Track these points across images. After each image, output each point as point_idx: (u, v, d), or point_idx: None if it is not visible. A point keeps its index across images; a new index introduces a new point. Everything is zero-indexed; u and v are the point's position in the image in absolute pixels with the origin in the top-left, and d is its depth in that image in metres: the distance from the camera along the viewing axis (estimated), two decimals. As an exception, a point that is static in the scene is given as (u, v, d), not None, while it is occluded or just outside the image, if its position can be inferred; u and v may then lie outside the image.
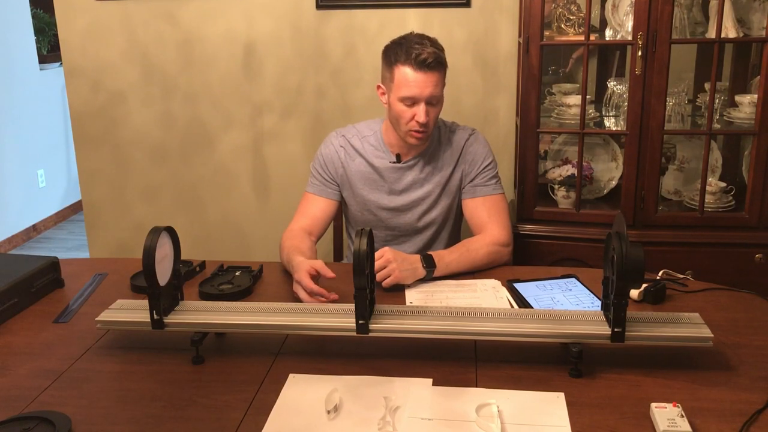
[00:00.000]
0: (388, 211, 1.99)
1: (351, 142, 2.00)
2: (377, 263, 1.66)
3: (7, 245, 4.62)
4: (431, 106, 1.83)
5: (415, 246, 2.02)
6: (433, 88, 1.80)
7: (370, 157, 1.98)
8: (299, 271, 1.63)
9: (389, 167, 1.97)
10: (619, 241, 1.26)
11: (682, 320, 1.36)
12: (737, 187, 2.34)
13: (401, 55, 1.80)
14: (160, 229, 1.39)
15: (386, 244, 2.01)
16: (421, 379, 1.31)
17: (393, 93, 1.84)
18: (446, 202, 2.00)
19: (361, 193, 1.99)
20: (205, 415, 1.23)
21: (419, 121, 1.81)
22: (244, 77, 2.72)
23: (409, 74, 1.79)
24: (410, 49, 1.79)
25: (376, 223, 2.01)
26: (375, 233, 1.98)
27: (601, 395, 1.25)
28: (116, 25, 2.71)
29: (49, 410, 1.22)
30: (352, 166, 1.99)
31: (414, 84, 1.79)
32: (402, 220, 2.00)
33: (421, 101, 1.81)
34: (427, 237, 2.02)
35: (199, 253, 2.12)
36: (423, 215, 2.00)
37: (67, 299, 1.71)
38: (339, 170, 2.00)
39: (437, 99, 1.83)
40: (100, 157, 2.86)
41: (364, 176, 1.98)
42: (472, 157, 1.97)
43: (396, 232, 2.02)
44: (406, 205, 1.98)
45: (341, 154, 1.99)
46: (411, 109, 1.82)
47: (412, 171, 1.97)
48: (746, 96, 2.29)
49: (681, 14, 2.24)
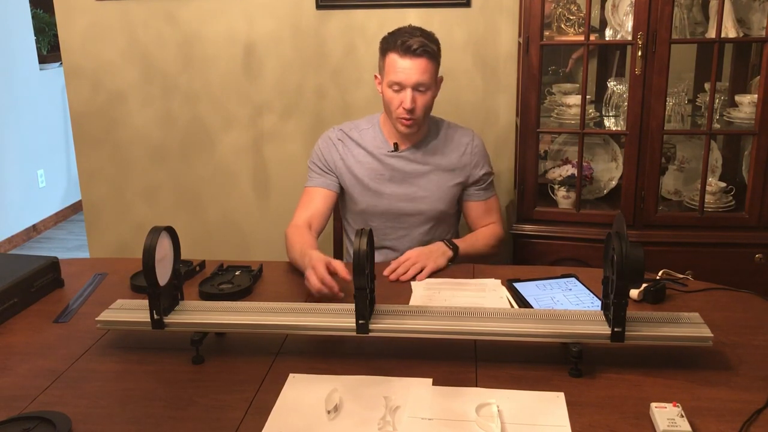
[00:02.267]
0: (389, 200, 2.03)
1: (349, 134, 2.07)
2: (406, 264, 1.81)
3: (7, 245, 4.63)
4: (419, 93, 1.89)
5: (414, 241, 2.04)
6: (419, 75, 1.87)
7: (369, 146, 2.04)
8: (317, 261, 1.64)
9: (388, 156, 2.03)
10: (619, 241, 1.26)
11: (681, 320, 1.36)
12: (737, 187, 2.34)
13: (391, 43, 1.91)
14: (160, 229, 1.39)
15: (386, 237, 2.07)
16: (421, 378, 1.31)
17: (384, 80, 1.94)
18: (447, 196, 2.05)
19: (364, 181, 2.03)
20: (205, 415, 1.23)
21: (405, 107, 1.89)
22: (244, 77, 2.72)
23: (396, 60, 1.88)
24: (399, 37, 1.89)
25: (377, 214, 2.04)
26: (375, 224, 2.04)
27: (601, 395, 1.25)
28: (116, 25, 2.71)
29: (49, 410, 1.22)
30: (352, 156, 2.04)
31: (400, 69, 1.88)
32: (403, 210, 2.04)
33: (407, 87, 1.88)
34: (427, 229, 2.06)
35: (199, 253, 2.12)
36: (424, 206, 2.03)
37: (67, 299, 1.71)
38: (338, 162, 2.05)
39: (425, 86, 1.89)
40: (100, 157, 2.86)
41: (365, 165, 2.03)
42: (477, 161, 2.06)
43: (396, 223, 2.06)
44: (407, 195, 2.03)
45: (339, 147, 2.05)
46: (398, 95, 1.90)
47: (412, 161, 2.03)
48: (746, 96, 2.29)
49: (681, 14, 2.24)
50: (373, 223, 2.06)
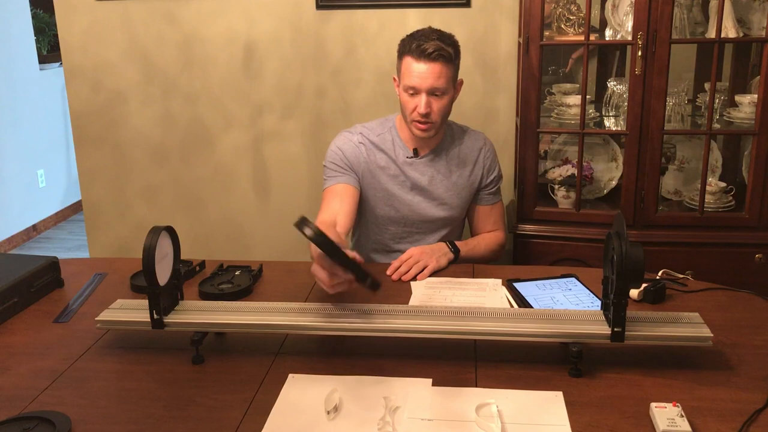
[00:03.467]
0: (410, 207, 2.02)
1: (369, 138, 2.02)
2: (409, 262, 1.80)
3: (7, 245, 4.63)
4: (435, 97, 1.87)
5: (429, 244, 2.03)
6: (434, 79, 1.85)
7: (390, 152, 2.01)
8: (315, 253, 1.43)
9: (407, 162, 2.00)
10: (619, 241, 1.26)
11: (681, 320, 1.36)
12: (737, 187, 2.34)
13: (407, 46, 1.89)
14: (159, 229, 1.39)
15: (401, 242, 2.05)
16: (420, 379, 1.31)
17: (401, 83, 1.92)
18: (463, 201, 2.06)
19: (386, 187, 2.00)
20: (205, 415, 1.23)
21: (420, 111, 1.87)
22: (244, 77, 2.72)
23: (411, 64, 1.86)
24: (416, 40, 1.86)
25: (395, 218, 2.03)
26: (391, 230, 2.04)
27: (600, 395, 1.25)
28: (116, 25, 2.71)
29: (49, 410, 1.22)
30: (375, 162, 2.00)
31: (415, 74, 1.86)
32: (422, 217, 2.03)
33: (422, 91, 1.86)
34: (442, 235, 2.06)
35: (199, 253, 2.12)
36: (443, 212, 2.03)
37: (67, 299, 1.71)
38: (362, 164, 1.99)
39: (440, 91, 1.87)
40: (100, 157, 2.86)
41: (387, 172, 2.00)
42: (489, 165, 2.07)
43: (413, 228, 2.05)
44: (427, 202, 2.02)
45: (362, 149, 2.00)
46: (413, 99, 1.88)
47: (431, 167, 2.01)
48: (746, 96, 2.29)
49: (681, 14, 2.24)
50: (390, 229, 2.05)
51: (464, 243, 1.98)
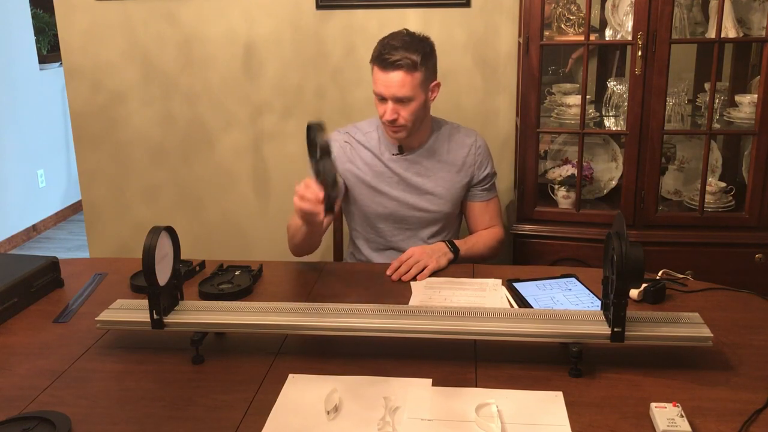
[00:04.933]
0: (398, 201, 2.02)
1: (355, 137, 2.06)
2: (408, 262, 1.81)
3: (7, 245, 4.63)
4: (401, 104, 1.89)
5: (419, 242, 2.04)
6: (397, 88, 1.86)
7: (375, 149, 2.03)
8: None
9: (393, 159, 2.02)
10: (619, 241, 1.26)
11: (681, 320, 1.36)
12: (737, 187, 2.34)
13: (374, 53, 1.91)
14: (159, 229, 1.39)
15: (392, 239, 2.06)
16: (420, 379, 1.31)
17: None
18: (453, 195, 2.05)
19: (373, 184, 2.02)
20: (205, 415, 1.23)
21: (386, 118, 1.90)
22: (244, 77, 2.72)
23: (377, 72, 1.90)
24: (381, 47, 1.88)
25: (384, 214, 2.04)
26: (381, 227, 2.05)
27: (600, 395, 1.25)
28: (116, 25, 2.71)
29: (49, 410, 1.22)
30: (359, 158, 2.03)
31: (380, 82, 1.89)
32: (409, 212, 2.04)
33: (387, 99, 1.88)
34: (435, 230, 2.06)
35: (199, 253, 2.12)
36: (430, 207, 2.03)
37: (67, 299, 1.71)
38: (346, 164, 2.04)
39: (406, 99, 1.88)
40: (100, 157, 2.86)
41: (372, 168, 2.03)
42: (481, 161, 2.07)
43: (402, 225, 2.05)
44: (413, 197, 2.03)
45: (347, 149, 2.05)
46: (382, 105, 1.91)
47: (417, 163, 2.03)
48: (746, 96, 2.29)
49: (681, 14, 2.24)
50: (380, 226, 2.06)
51: (463, 241, 1.99)
